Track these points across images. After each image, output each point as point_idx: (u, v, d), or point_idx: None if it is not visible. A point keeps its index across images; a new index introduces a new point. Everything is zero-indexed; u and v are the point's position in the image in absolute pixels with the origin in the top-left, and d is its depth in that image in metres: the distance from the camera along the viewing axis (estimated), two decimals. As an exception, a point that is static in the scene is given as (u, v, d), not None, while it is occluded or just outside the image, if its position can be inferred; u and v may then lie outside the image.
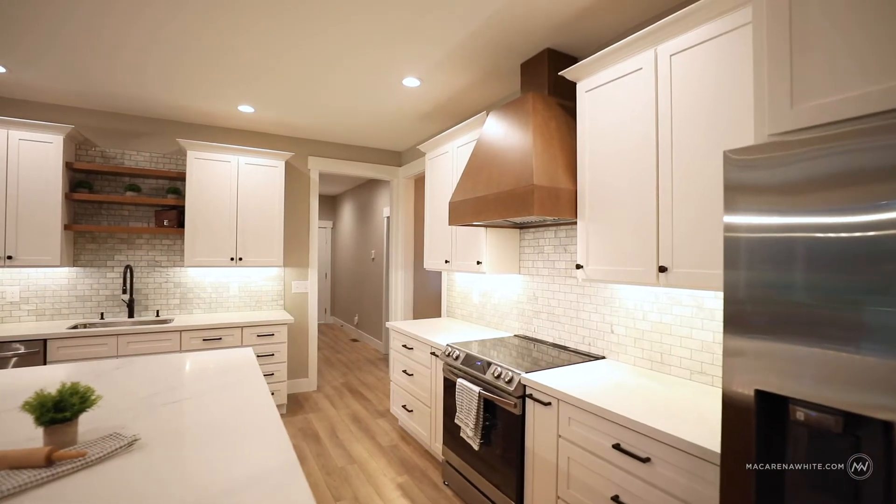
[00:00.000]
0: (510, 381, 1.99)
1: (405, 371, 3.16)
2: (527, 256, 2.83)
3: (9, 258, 2.94)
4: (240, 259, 3.64)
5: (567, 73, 2.08)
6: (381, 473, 2.71)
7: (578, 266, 2.02)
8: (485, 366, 2.19)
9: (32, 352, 2.80)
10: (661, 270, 1.63)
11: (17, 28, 2.21)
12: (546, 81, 2.33)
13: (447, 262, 3.13)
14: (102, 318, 3.44)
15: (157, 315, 3.64)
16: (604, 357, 2.26)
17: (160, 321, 3.48)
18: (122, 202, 3.41)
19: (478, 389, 2.14)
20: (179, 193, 3.64)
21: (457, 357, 2.43)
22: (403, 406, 3.20)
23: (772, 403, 0.95)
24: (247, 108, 3.40)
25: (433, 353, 2.78)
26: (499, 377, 2.06)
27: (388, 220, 5.60)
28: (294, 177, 4.24)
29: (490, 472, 2.14)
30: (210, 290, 3.85)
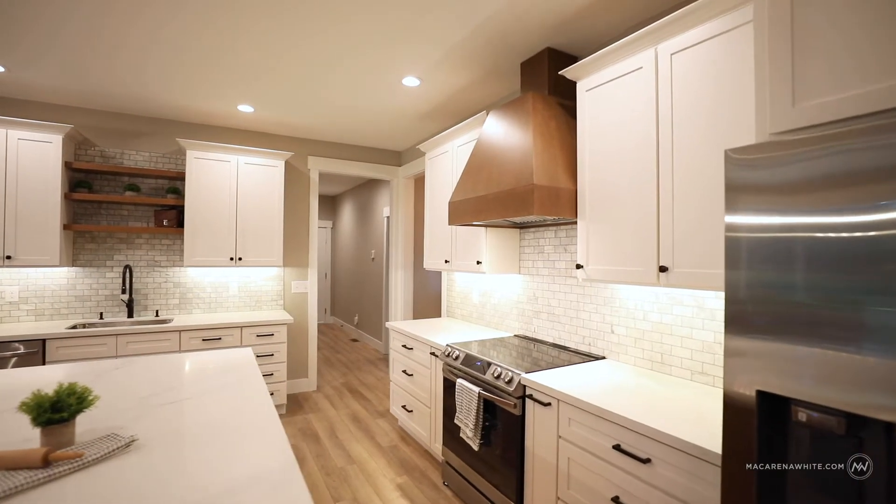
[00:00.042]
0: (510, 382, 1.98)
1: (405, 371, 3.15)
2: (527, 256, 2.83)
3: (8, 258, 2.93)
4: (239, 259, 3.64)
5: (567, 73, 2.07)
6: (381, 474, 2.71)
7: (579, 266, 2.02)
8: (485, 366, 2.18)
9: (31, 352, 2.80)
10: (662, 270, 1.63)
11: (17, 28, 2.21)
12: (546, 81, 2.32)
13: (447, 262, 3.12)
14: (102, 318, 3.44)
15: (157, 315, 3.64)
16: (604, 357, 2.26)
17: (159, 321, 3.48)
18: (122, 202, 3.41)
19: (477, 390, 2.13)
20: (179, 193, 3.64)
21: (456, 357, 2.43)
22: (403, 406, 3.19)
23: (773, 404, 0.95)
24: (246, 108, 3.39)
25: (433, 354, 2.77)
26: (499, 377, 2.06)
27: (388, 220, 5.60)
28: (294, 177, 4.23)
29: (490, 473, 2.13)
30: (209, 290, 3.85)
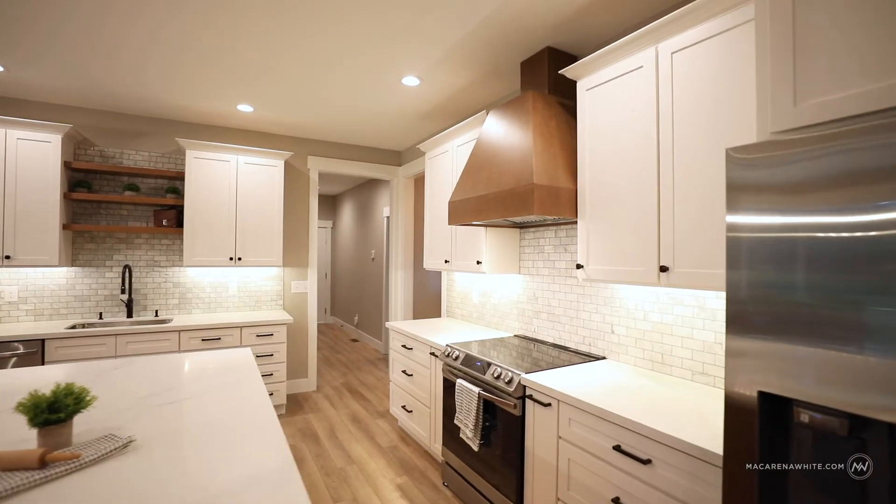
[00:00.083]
0: (510, 382, 1.98)
1: (405, 371, 3.15)
2: (527, 256, 2.82)
3: (7, 258, 2.93)
4: (239, 259, 3.63)
5: (567, 72, 2.07)
6: (381, 474, 2.70)
7: (579, 266, 2.01)
8: (484, 366, 2.18)
9: (31, 352, 2.79)
10: (662, 270, 1.62)
11: (17, 28, 2.20)
12: (546, 80, 2.32)
13: (447, 262, 3.12)
14: (101, 318, 3.43)
15: (156, 315, 3.63)
16: (604, 357, 2.25)
17: (159, 321, 3.48)
18: (121, 202, 3.41)
19: (477, 390, 2.13)
20: (178, 193, 3.64)
21: (456, 357, 2.42)
22: (403, 406, 3.19)
23: (775, 405, 0.94)
24: (246, 108, 3.39)
25: (433, 354, 2.77)
26: (498, 378, 2.05)
27: (388, 220, 5.59)
28: (293, 176, 4.23)
29: (490, 474, 2.12)
30: (209, 290, 3.84)
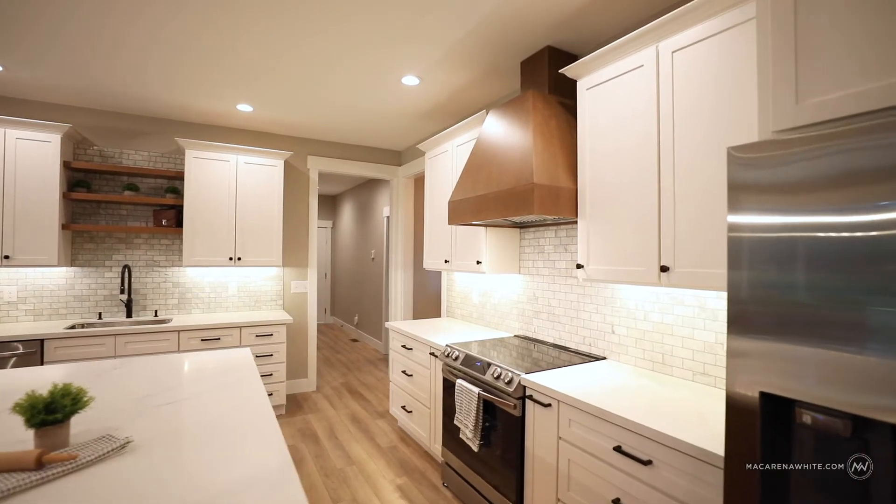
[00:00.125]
0: (510, 382, 1.97)
1: (405, 371, 3.14)
2: (527, 256, 2.82)
3: (6, 258, 2.92)
4: (238, 259, 3.63)
5: (567, 71, 2.06)
6: (380, 475, 2.70)
7: (579, 266, 2.00)
8: (484, 366, 2.17)
9: (30, 352, 2.79)
10: (663, 270, 1.62)
11: (17, 28, 2.20)
12: (546, 79, 2.31)
13: (447, 262, 3.11)
14: (100, 318, 3.43)
15: (156, 315, 3.63)
16: (604, 358, 2.24)
17: (158, 321, 3.47)
18: (121, 201, 3.40)
19: (477, 390, 2.12)
20: (178, 193, 3.63)
21: (456, 357, 2.41)
22: (403, 407, 3.18)
23: (777, 405, 0.94)
24: (246, 108, 3.38)
25: (432, 354, 2.76)
26: (498, 378, 2.05)
27: (388, 220, 5.59)
28: (293, 176, 4.22)
29: (490, 474, 2.12)
30: (209, 290, 3.84)
